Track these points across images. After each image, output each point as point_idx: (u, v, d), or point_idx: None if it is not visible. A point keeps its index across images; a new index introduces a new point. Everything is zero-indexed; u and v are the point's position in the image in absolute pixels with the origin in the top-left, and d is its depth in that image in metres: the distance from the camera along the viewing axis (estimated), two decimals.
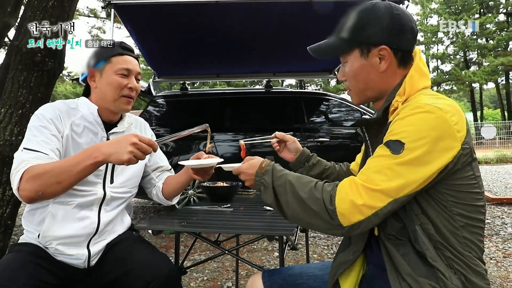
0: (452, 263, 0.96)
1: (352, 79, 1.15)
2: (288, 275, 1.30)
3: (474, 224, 0.99)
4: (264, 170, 1.13)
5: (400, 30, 1.07)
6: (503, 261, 3.37)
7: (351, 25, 1.11)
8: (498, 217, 5.09)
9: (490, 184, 8.32)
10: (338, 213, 0.95)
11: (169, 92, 6.15)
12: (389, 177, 0.93)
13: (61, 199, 1.43)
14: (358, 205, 0.94)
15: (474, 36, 30.55)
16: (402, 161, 0.93)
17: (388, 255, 1.03)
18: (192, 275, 3.16)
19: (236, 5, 4.54)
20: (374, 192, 0.93)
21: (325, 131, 5.25)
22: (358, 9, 1.11)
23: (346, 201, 0.95)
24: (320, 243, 4.12)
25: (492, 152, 15.54)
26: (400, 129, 0.95)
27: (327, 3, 4.35)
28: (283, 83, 27.69)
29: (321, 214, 0.98)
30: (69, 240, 1.44)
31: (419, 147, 0.92)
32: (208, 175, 1.64)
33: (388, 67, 1.09)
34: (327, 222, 0.98)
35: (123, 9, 4.26)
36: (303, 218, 1.03)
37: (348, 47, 1.12)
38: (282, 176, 1.09)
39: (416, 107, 0.96)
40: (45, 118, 1.42)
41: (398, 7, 1.09)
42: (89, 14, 15.48)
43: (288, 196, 1.05)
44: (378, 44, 1.07)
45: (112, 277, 1.44)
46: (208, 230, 1.65)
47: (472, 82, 29.77)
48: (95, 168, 1.28)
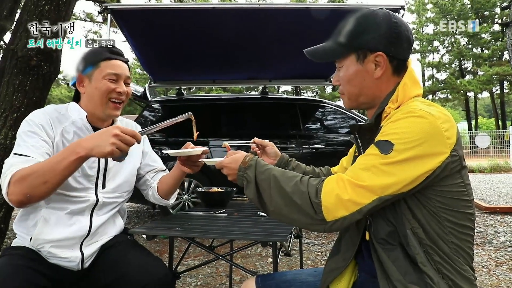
0: (441, 267, 0.97)
1: (346, 84, 1.15)
2: (282, 281, 1.30)
3: (463, 231, 1.00)
4: (247, 165, 1.13)
5: (397, 38, 1.08)
6: (495, 270, 3.39)
7: (349, 30, 1.12)
8: (491, 225, 5.11)
9: (483, 193, 8.35)
10: (323, 206, 0.96)
11: (165, 97, 6.16)
12: (375, 175, 0.95)
13: (54, 205, 1.43)
14: (343, 200, 0.95)
15: (470, 45, 30.86)
16: (389, 161, 0.94)
17: (379, 261, 1.03)
18: (185, 280, 3.14)
19: (232, 11, 4.57)
20: (360, 188, 0.95)
21: (320, 137, 5.27)
22: (357, 15, 1.12)
23: (332, 195, 0.96)
24: (314, 249, 4.11)
25: (486, 161, 15.63)
26: (391, 131, 0.97)
27: (324, 10, 4.39)
28: (279, 90, 27.77)
29: (305, 208, 0.99)
30: (61, 243, 1.43)
31: (408, 149, 0.93)
32: (196, 166, 1.62)
33: (383, 74, 1.10)
34: (310, 217, 0.99)
35: (119, 14, 4.28)
36: (286, 213, 1.03)
37: (345, 52, 1.13)
38: (266, 171, 1.09)
39: (408, 111, 0.97)
40: (35, 124, 1.41)
41: (396, 16, 1.11)
42: (85, 18, 15.46)
43: (271, 191, 1.05)
44: (375, 51, 1.08)
45: (106, 280, 1.44)
46: (203, 235, 1.65)
47: (467, 91, 30.03)
48: (79, 163, 1.27)
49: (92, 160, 1.46)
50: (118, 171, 1.58)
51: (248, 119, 5.64)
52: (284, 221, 1.10)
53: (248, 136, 6.29)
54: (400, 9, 4.33)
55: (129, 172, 1.64)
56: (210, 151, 5.08)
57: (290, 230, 1.54)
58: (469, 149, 20.74)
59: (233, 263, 1.78)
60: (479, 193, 8.32)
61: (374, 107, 1.16)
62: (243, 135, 5.30)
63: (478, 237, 4.53)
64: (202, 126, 1.78)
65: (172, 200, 1.78)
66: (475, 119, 36.40)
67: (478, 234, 4.66)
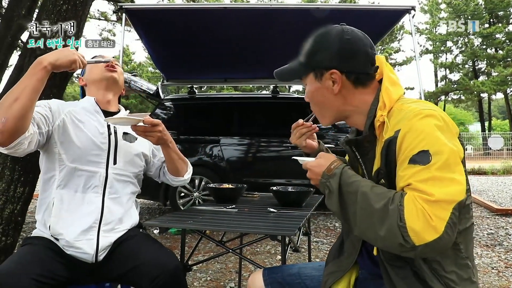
0: (448, 281, 0.97)
1: (311, 101, 1.20)
2: (287, 274, 1.34)
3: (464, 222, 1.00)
4: (332, 173, 1.05)
5: (350, 54, 1.09)
6: (505, 271, 3.38)
7: (307, 50, 1.16)
8: (502, 227, 5.08)
9: (495, 194, 8.27)
10: (408, 228, 0.87)
11: (177, 96, 6.24)
12: (437, 185, 0.88)
13: (66, 183, 1.53)
14: (427, 217, 0.86)
15: (484, 46, 30.45)
16: (438, 165, 0.90)
17: (387, 274, 1.03)
18: (195, 275, 3.20)
19: (245, 11, 4.63)
20: (435, 203, 0.87)
21: (330, 137, 5.29)
22: (314, 34, 1.15)
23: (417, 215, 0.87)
24: (323, 247, 4.15)
25: (499, 163, 15.44)
26: (415, 141, 0.93)
27: (337, 11, 4.42)
28: (290, 89, 27.74)
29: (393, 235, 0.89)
30: (78, 228, 1.49)
31: (442, 146, 0.91)
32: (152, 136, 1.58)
33: (341, 89, 1.11)
34: (398, 243, 0.88)
35: (134, 14, 4.37)
36: (371, 235, 0.94)
37: (304, 71, 1.17)
38: (354, 184, 1.00)
39: (415, 114, 0.96)
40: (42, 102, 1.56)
41: (349, 32, 1.11)
42: (99, 17, 15.66)
43: (357, 206, 0.96)
44: (329, 68, 1.10)
45: (119, 273, 1.50)
46: (214, 228, 1.70)
47: (481, 92, 29.63)
48: (46, 77, 1.36)
49: (104, 135, 1.60)
50: (128, 150, 1.68)
51: (259, 117, 5.68)
52: (371, 243, 1.03)
53: (258, 135, 6.37)
54: (411, 10, 4.35)
55: (137, 154, 1.72)
56: (221, 149, 5.14)
57: (298, 225, 1.58)
58: (482, 151, 20.52)
59: (243, 256, 1.83)
60: (490, 194, 8.24)
61: (348, 118, 1.18)
62: (254, 133, 5.36)
63: (488, 239, 4.51)
64: (213, 124, 1.83)
65: (186, 176, 1.83)
66: (489, 121, 35.89)
67: (489, 236, 4.64)
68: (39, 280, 1.30)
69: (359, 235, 1.01)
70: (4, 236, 2.90)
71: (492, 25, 29.46)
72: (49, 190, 1.54)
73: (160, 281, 1.37)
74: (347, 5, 5.35)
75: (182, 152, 1.77)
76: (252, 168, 5.28)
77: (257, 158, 5.34)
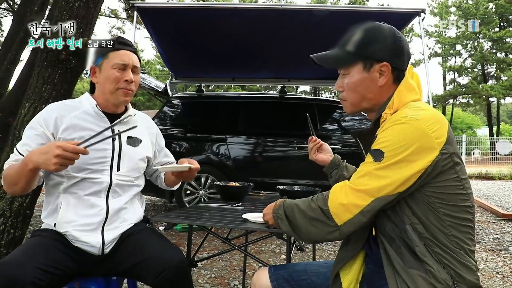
0: (441, 258, 1.05)
1: (350, 90, 1.24)
2: (293, 270, 1.37)
3: (462, 223, 1.07)
4: (278, 206, 1.28)
5: (400, 51, 1.19)
6: (510, 276, 3.38)
7: (357, 40, 1.20)
8: (508, 233, 5.06)
9: (502, 200, 8.23)
10: (331, 212, 1.10)
11: (185, 94, 6.27)
12: (371, 179, 1.07)
13: (71, 189, 1.54)
14: (345, 204, 1.09)
15: (493, 50, 30.21)
16: (382, 166, 1.06)
17: (384, 250, 1.13)
18: (200, 272, 3.23)
19: (255, 11, 4.64)
20: (358, 192, 1.08)
21: (337, 138, 5.30)
22: (364, 26, 1.21)
23: (336, 201, 1.11)
24: (327, 248, 4.16)
25: (506, 168, 15.33)
26: (382, 140, 1.08)
27: (344, 12, 4.43)
28: (298, 90, 27.72)
29: (321, 219, 1.13)
30: (83, 227, 1.52)
31: (397, 154, 1.04)
32: (188, 178, 1.79)
33: (386, 82, 1.19)
34: (327, 225, 1.12)
35: (145, 12, 4.41)
36: (311, 231, 1.16)
37: (352, 60, 1.21)
38: (291, 205, 1.23)
39: (395, 120, 1.07)
40: (37, 119, 1.57)
41: (399, 32, 1.21)
42: (109, 15, 15.75)
43: (296, 215, 1.19)
44: (381, 61, 1.17)
45: (125, 266, 1.52)
46: (221, 224, 1.72)
47: (490, 96, 29.38)
48: (35, 173, 1.42)
49: (106, 142, 1.58)
50: (132, 156, 1.68)
51: (266, 117, 5.69)
52: (315, 240, 1.22)
53: (265, 135, 6.38)
54: (421, 13, 4.34)
55: (142, 158, 1.73)
56: (228, 148, 5.17)
57: None
58: (490, 155, 20.35)
59: (248, 253, 1.85)
60: (497, 199, 8.20)
61: (374, 111, 1.24)
62: (261, 133, 5.38)
63: (494, 244, 4.50)
64: (220, 123, 1.86)
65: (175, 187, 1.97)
66: (497, 125, 35.57)
67: (494, 241, 4.62)
68: (43, 269, 1.32)
69: (308, 241, 1.24)
70: (12, 229, 2.94)
71: (502, 29, 29.24)
72: (54, 195, 1.57)
73: (166, 276, 1.39)
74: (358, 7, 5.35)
75: (189, 150, 1.80)
76: (258, 167, 5.29)
77: (264, 158, 5.35)
